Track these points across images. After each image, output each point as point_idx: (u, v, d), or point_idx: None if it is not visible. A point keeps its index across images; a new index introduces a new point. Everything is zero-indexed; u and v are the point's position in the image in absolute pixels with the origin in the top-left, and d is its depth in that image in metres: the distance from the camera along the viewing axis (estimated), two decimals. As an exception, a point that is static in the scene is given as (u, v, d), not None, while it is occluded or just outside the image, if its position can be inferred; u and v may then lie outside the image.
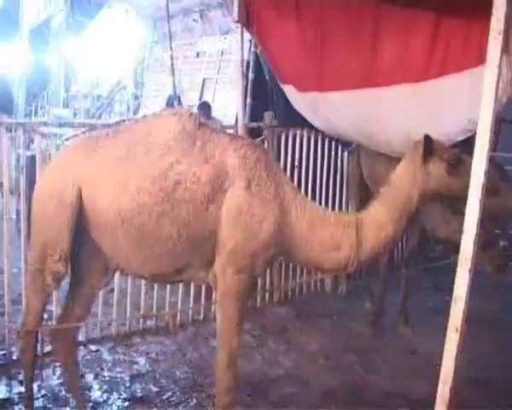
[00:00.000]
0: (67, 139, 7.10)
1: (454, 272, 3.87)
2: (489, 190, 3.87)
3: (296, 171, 7.89)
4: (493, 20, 3.75)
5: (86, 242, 4.35)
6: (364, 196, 7.55)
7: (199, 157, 4.11)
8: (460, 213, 4.29)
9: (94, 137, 4.60)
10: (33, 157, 6.33)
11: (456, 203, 7.22)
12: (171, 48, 12.98)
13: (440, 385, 3.91)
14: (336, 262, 4.37)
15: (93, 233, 4.28)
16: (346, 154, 8.37)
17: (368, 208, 4.43)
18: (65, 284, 4.64)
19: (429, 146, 4.25)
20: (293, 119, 7.53)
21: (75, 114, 21.95)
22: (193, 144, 4.15)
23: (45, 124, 7.18)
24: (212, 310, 6.66)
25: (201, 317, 7.15)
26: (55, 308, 6.02)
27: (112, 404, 5.29)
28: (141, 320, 6.84)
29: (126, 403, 5.32)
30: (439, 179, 4.27)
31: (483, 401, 5.62)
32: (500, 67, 3.78)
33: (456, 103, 5.55)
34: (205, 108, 10.47)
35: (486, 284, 6.20)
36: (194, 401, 5.35)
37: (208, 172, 4.06)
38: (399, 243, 9.18)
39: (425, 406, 4.09)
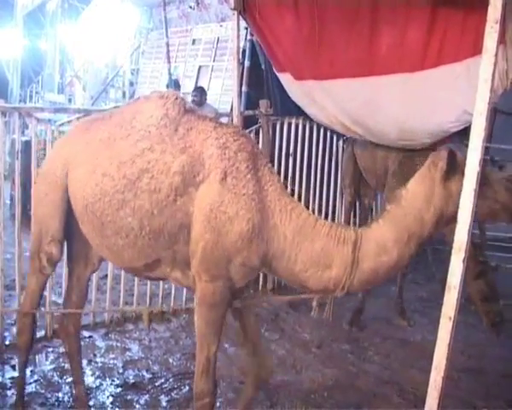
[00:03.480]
0: (62, 125, 7.06)
1: (446, 262, 3.83)
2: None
3: (291, 159, 7.90)
4: (490, 9, 3.74)
5: (76, 226, 4.25)
6: (358, 187, 7.57)
7: (177, 145, 3.80)
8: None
9: (90, 119, 4.51)
10: (28, 142, 6.32)
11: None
12: (166, 35, 12.96)
13: (433, 373, 3.91)
14: (324, 282, 3.80)
15: (76, 216, 4.18)
16: (340, 143, 8.38)
17: (370, 225, 3.85)
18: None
19: (453, 162, 3.69)
20: (289, 107, 7.51)
21: (70, 100, 21.92)
22: (175, 131, 3.87)
23: (41, 109, 7.16)
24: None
25: (195, 304, 7.13)
26: (48, 294, 6.00)
27: (104, 390, 5.29)
28: (134, 307, 6.83)
29: (119, 389, 5.32)
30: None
31: (474, 390, 5.68)
32: (496, 57, 3.77)
33: (453, 93, 5.56)
34: (199, 93, 10.45)
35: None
36: (187, 387, 5.33)
37: (182, 162, 3.73)
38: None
39: (418, 394, 4.10)
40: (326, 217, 8.23)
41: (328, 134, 8.29)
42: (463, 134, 4.82)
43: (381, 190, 7.29)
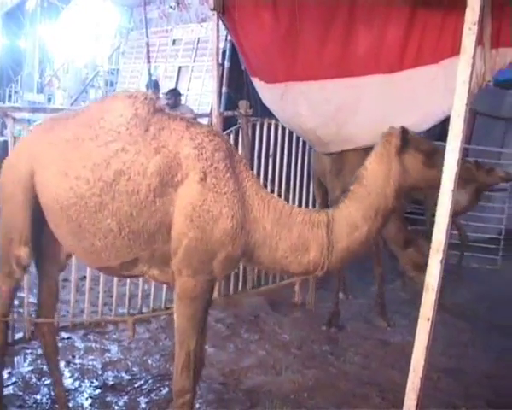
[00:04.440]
0: (40, 125, 7.00)
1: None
2: None
3: (271, 160, 7.90)
4: (468, 11, 3.76)
5: (44, 224, 4.18)
6: (325, 190, 7.65)
7: (150, 146, 3.77)
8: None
9: (56, 117, 4.40)
10: (6, 142, 6.27)
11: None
12: (147, 35, 12.93)
13: (411, 374, 3.93)
14: (304, 265, 4.00)
15: (46, 216, 4.11)
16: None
17: (338, 206, 4.04)
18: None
19: (405, 137, 3.96)
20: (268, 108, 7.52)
21: (49, 100, 21.80)
22: (146, 131, 3.82)
23: (19, 109, 7.10)
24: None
25: (174, 301, 7.10)
26: (26, 295, 5.96)
27: (83, 392, 5.25)
28: (113, 308, 6.79)
29: (98, 391, 5.28)
30: (416, 173, 3.96)
31: (454, 391, 5.71)
32: (475, 58, 3.80)
33: (431, 94, 5.58)
34: (173, 95, 10.47)
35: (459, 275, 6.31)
36: (167, 389, 5.30)
37: (158, 162, 3.73)
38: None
39: (397, 394, 4.11)
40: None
41: (308, 135, 8.29)
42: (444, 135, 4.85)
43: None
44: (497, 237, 11.50)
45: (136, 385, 5.41)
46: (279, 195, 7.77)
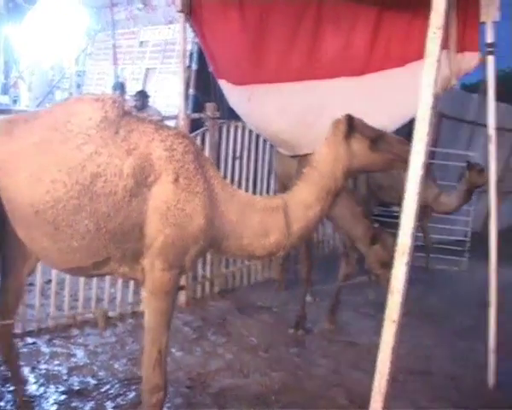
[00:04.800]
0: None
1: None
2: None
3: (238, 162, 7.89)
4: (433, 14, 3.80)
5: (8, 229, 4.16)
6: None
7: (121, 148, 3.86)
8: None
9: (12, 120, 4.28)
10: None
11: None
12: (113, 36, 12.85)
13: (377, 376, 3.95)
14: (268, 248, 4.28)
15: (11, 221, 4.09)
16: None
17: (292, 190, 4.38)
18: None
19: (351, 124, 4.22)
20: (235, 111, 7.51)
21: (15, 101, 21.53)
22: (115, 134, 3.89)
23: (-18, 111, 7.01)
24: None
25: (141, 308, 7.05)
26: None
27: (48, 397, 5.17)
28: (80, 312, 6.71)
29: (63, 396, 5.20)
30: (362, 156, 4.25)
31: (420, 392, 5.74)
32: (439, 61, 3.83)
33: (398, 97, 5.62)
34: (141, 97, 10.44)
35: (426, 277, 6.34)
36: (133, 393, 5.26)
37: (131, 164, 3.84)
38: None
39: (364, 397, 4.11)
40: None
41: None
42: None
43: None
44: (464, 239, 11.62)
45: (102, 390, 5.34)
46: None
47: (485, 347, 5.76)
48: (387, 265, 5.90)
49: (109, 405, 5.12)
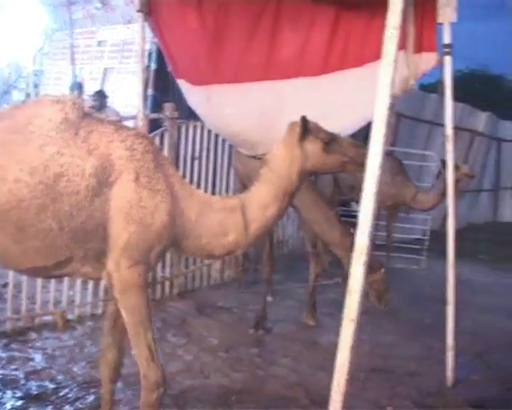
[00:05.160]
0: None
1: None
2: None
3: (196, 163, 7.86)
4: (389, 15, 3.81)
5: None
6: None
7: (82, 148, 3.88)
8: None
9: None
10: None
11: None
12: (71, 36, 12.72)
13: (336, 375, 3.96)
14: (226, 247, 4.34)
15: None
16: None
17: (250, 190, 4.45)
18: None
19: (306, 126, 4.27)
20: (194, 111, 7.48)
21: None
22: (76, 135, 3.91)
23: None
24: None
25: (100, 311, 7.00)
26: None
27: (6, 403, 5.09)
28: (37, 313, 6.63)
29: (21, 402, 5.12)
30: (316, 157, 4.32)
31: (381, 390, 5.78)
32: (396, 61, 3.85)
33: (357, 97, 5.64)
34: (99, 97, 10.37)
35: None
36: (92, 396, 5.21)
37: (93, 164, 3.86)
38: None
39: (325, 396, 4.12)
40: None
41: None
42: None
43: None
44: (422, 237, 11.75)
45: (60, 394, 5.27)
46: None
47: (443, 344, 5.82)
48: (370, 270, 6.04)
49: (68, 409, 5.06)
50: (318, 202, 6.56)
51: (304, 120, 4.30)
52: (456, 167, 7.82)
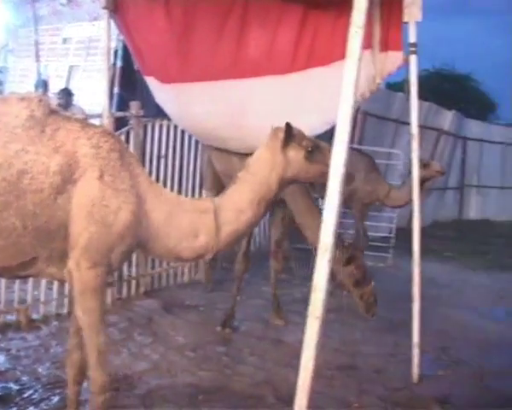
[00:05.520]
0: None
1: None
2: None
3: (163, 161, 7.82)
4: (354, 13, 3.83)
5: None
6: (221, 188, 7.67)
7: (48, 146, 3.86)
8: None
9: None
10: None
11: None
12: (36, 32, 12.58)
13: (301, 373, 3.96)
14: (195, 250, 4.30)
15: None
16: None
17: (225, 193, 4.41)
18: None
19: (290, 132, 4.24)
20: (162, 109, 7.43)
21: None
22: (42, 132, 3.88)
23: None
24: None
25: (65, 310, 6.92)
26: None
27: (-32, 406, 5.04)
28: (1, 315, 6.56)
29: (-16, 403, 5.08)
30: (298, 165, 4.29)
31: (347, 387, 5.80)
32: (360, 60, 3.86)
33: (322, 96, 5.65)
34: (65, 95, 10.28)
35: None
36: (57, 397, 5.15)
37: (58, 161, 3.83)
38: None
39: (292, 394, 4.12)
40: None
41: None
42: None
43: None
44: (389, 235, 11.82)
45: (25, 395, 5.20)
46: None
47: (410, 341, 5.86)
48: (360, 283, 6.24)
49: (32, 410, 5.00)
50: (312, 208, 6.59)
51: (288, 126, 4.25)
52: (427, 165, 7.91)
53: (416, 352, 5.82)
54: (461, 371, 6.41)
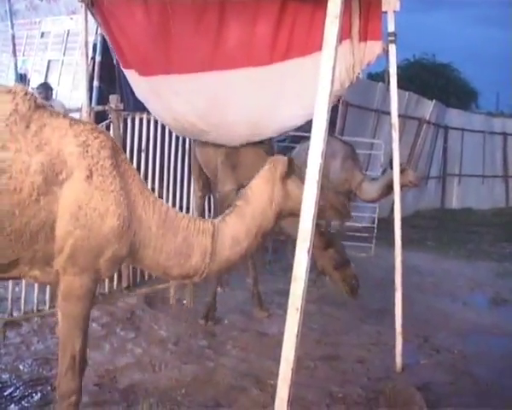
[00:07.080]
0: None
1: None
2: None
3: (143, 155, 7.77)
4: (330, 4, 3.81)
5: None
6: (207, 181, 7.79)
7: (31, 143, 3.66)
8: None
9: None
10: None
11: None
12: (12, 27, 12.47)
13: (283, 364, 3.95)
14: (185, 270, 4.21)
15: None
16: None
17: (225, 219, 4.31)
18: None
19: (290, 166, 4.24)
20: (141, 102, 7.39)
21: None
22: (26, 128, 3.68)
23: None
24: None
25: (47, 307, 6.86)
26: None
27: (-51, 404, 4.99)
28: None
29: (-36, 402, 5.03)
30: (297, 199, 4.18)
31: (330, 378, 5.81)
32: (337, 49, 3.85)
33: (301, 87, 5.64)
34: (44, 89, 10.20)
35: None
36: (39, 394, 5.12)
37: (40, 160, 3.64)
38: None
39: (275, 386, 4.12)
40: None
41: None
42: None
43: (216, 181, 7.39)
44: (371, 225, 11.86)
45: (5, 393, 5.16)
46: (152, 189, 7.66)
47: (392, 330, 5.88)
48: (340, 266, 6.28)
49: (13, 408, 4.96)
50: None
51: (290, 160, 4.26)
52: (403, 171, 7.89)
53: (398, 340, 5.84)
54: (443, 360, 6.45)
